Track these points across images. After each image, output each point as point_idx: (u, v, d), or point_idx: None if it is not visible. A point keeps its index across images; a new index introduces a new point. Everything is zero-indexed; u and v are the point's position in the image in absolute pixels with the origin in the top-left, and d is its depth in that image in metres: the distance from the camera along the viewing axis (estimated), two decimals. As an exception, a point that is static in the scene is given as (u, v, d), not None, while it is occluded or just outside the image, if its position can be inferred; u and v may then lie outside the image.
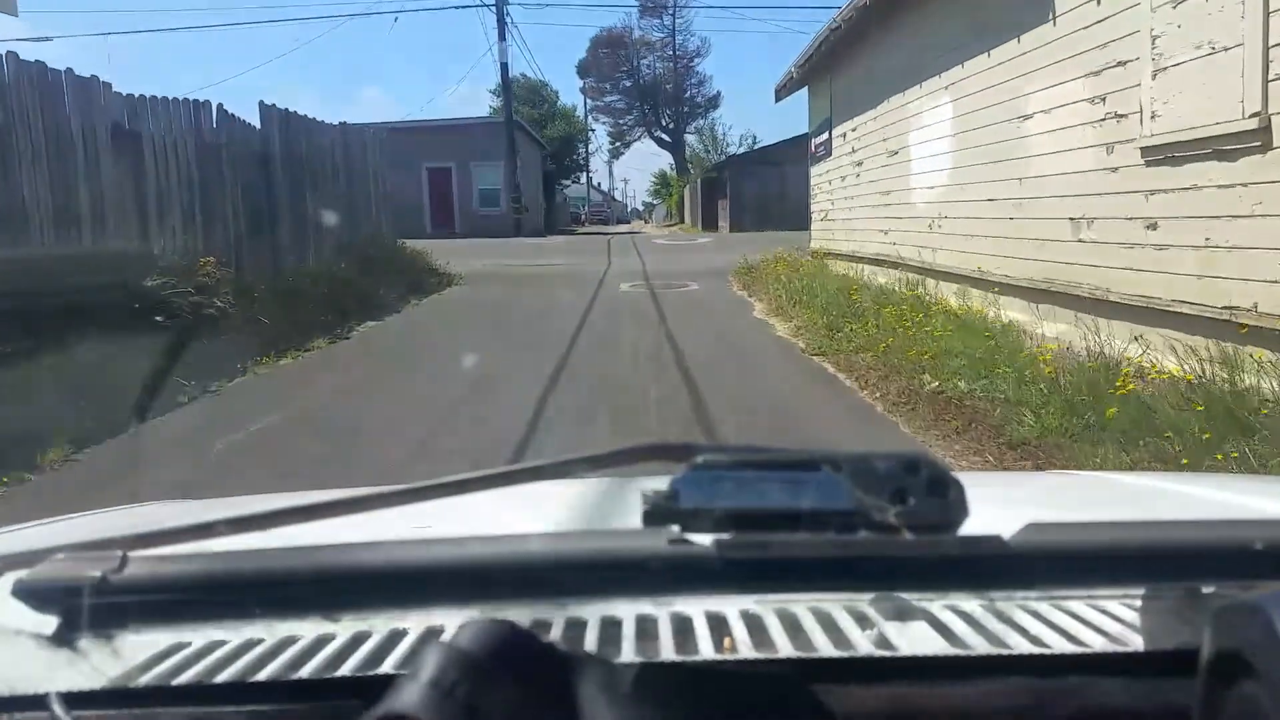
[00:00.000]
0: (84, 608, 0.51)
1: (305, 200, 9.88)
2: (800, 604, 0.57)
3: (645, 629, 0.55)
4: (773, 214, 25.96)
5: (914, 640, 0.52)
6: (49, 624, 0.53)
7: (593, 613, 0.56)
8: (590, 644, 0.53)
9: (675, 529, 0.50)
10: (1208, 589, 0.51)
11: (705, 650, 0.52)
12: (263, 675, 0.50)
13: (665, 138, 48.48)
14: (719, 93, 48.24)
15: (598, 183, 62.08)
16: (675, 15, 45.39)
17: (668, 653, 0.52)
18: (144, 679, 0.49)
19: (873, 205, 9.67)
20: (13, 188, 5.67)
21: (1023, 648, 0.51)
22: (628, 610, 0.56)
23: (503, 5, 27.30)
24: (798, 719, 0.45)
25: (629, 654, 0.52)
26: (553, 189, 37.94)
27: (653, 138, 49.42)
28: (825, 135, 11.95)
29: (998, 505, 0.87)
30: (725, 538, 0.49)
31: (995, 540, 0.51)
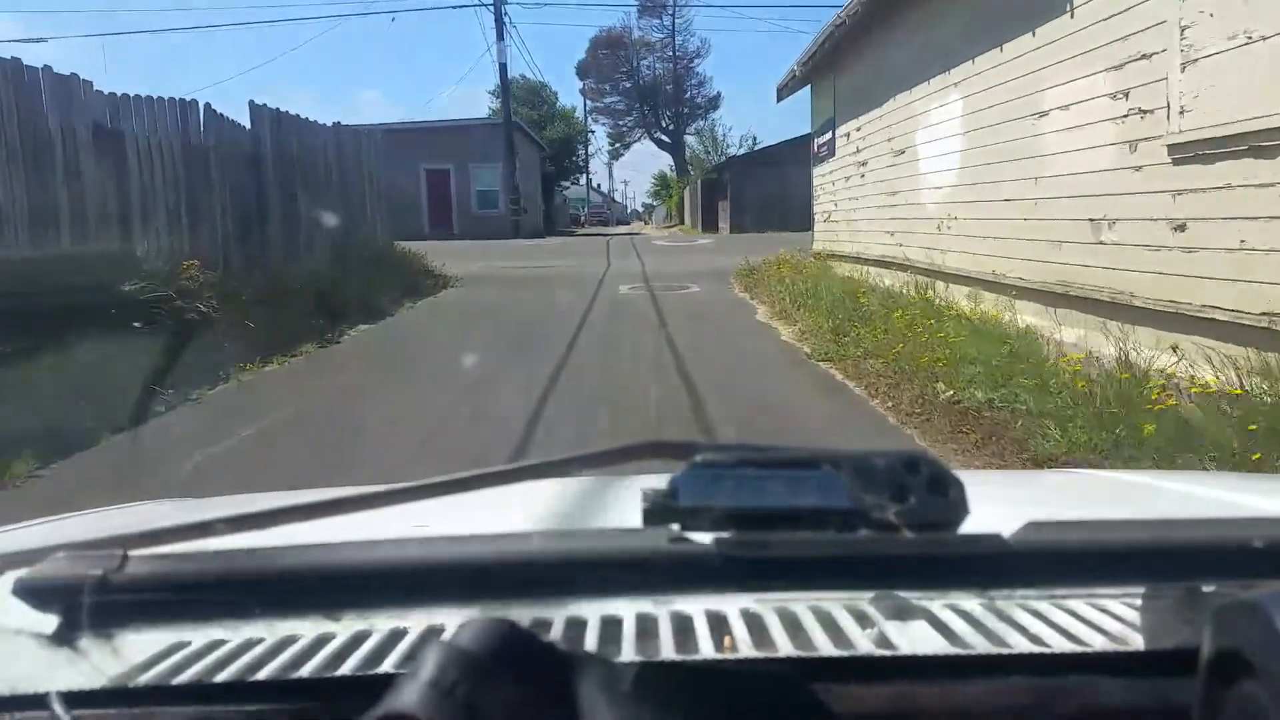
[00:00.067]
0: (84, 607, 0.50)
1: (297, 202, 9.64)
2: (800, 603, 0.57)
3: (645, 628, 0.54)
4: (774, 215, 25.78)
5: (914, 639, 0.52)
6: (49, 623, 0.52)
7: (593, 612, 0.56)
8: (590, 643, 0.53)
9: (675, 528, 0.49)
10: (1208, 588, 0.50)
11: (705, 649, 0.52)
12: (263, 674, 0.49)
13: (665, 139, 48.28)
14: (719, 94, 48.16)
15: (597, 184, 61.92)
16: (675, 16, 45.27)
17: (668, 652, 0.52)
18: (144, 678, 0.49)
19: (878, 206, 9.44)
20: (-14, 188, 5.45)
21: (1023, 647, 0.51)
22: (628, 609, 0.56)
23: (501, 5, 27.11)
24: (798, 718, 0.44)
25: (629, 653, 0.51)
26: (552, 190, 37.75)
27: (652, 139, 49.26)
28: (828, 135, 11.72)
29: (998, 504, 0.86)
30: (725, 536, 0.49)
31: (995, 539, 0.50)
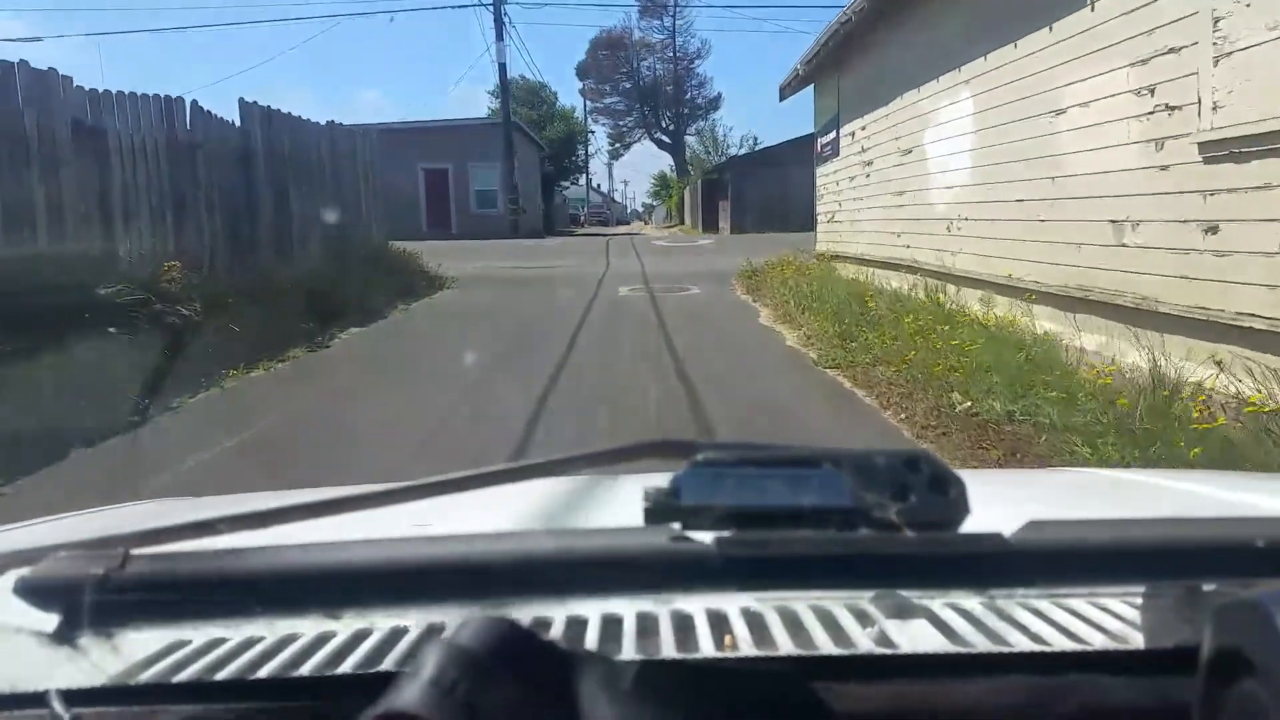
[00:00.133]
0: (85, 605, 0.50)
1: (289, 201, 9.41)
2: (801, 601, 0.56)
3: (646, 626, 0.54)
4: (775, 215, 25.55)
5: (914, 638, 0.52)
6: (50, 622, 0.52)
7: (593, 610, 0.56)
8: (591, 641, 0.53)
9: (676, 526, 0.49)
10: (1208, 587, 0.49)
11: (706, 648, 0.52)
12: (263, 673, 0.49)
13: (665, 139, 48.05)
14: (719, 94, 47.94)
15: (597, 184, 61.70)
16: (675, 16, 45.03)
17: (668, 650, 0.52)
18: (144, 676, 0.49)
19: (884, 206, 9.21)
20: (-42, 186, 5.21)
21: (1023, 645, 0.51)
22: (628, 608, 0.56)
23: (500, 5, 26.88)
24: (798, 717, 0.44)
25: (629, 651, 0.52)
26: (551, 190, 37.52)
27: (653, 139, 49.03)
28: (832, 134, 11.49)
29: (999, 503, 0.85)
30: (726, 535, 0.49)
31: (996, 538, 0.50)
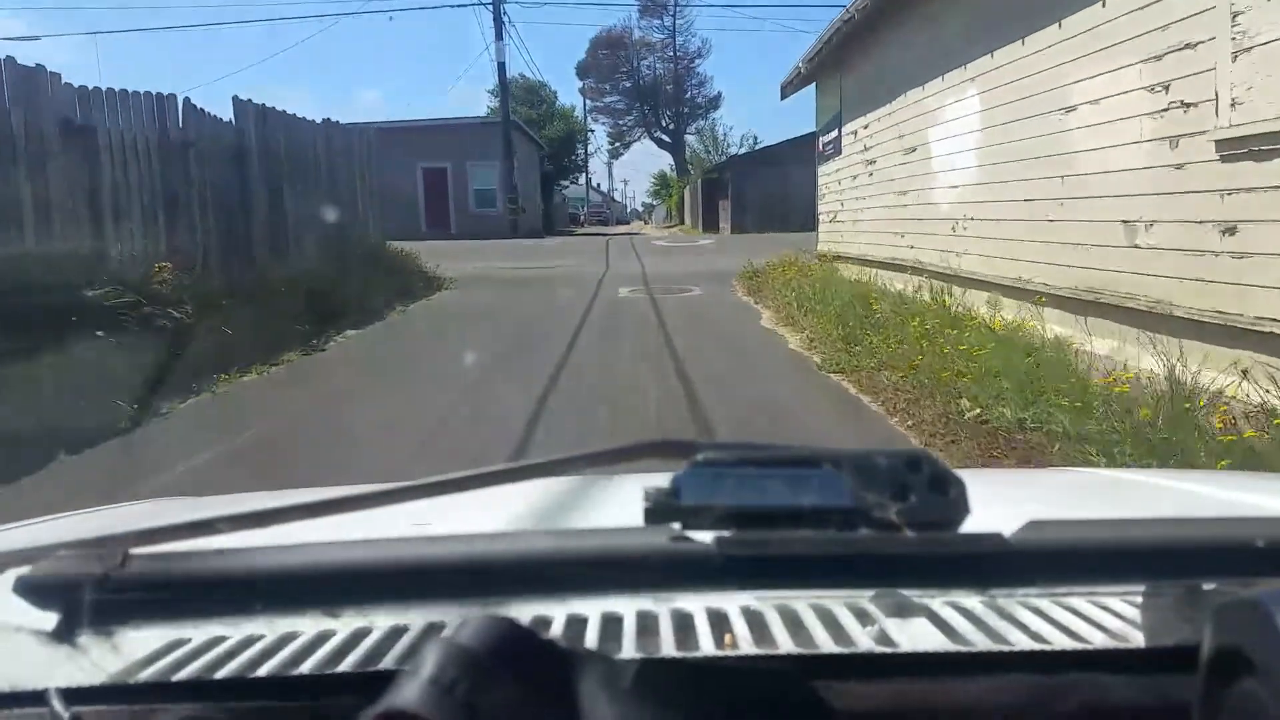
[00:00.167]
0: (85, 604, 0.50)
1: (284, 201, 9.28)
2: (801, 600, 0.56)
3: (646, 625, 0.54)
4: (775, 215, 25.42)
5: (915, 637, 0.52)
6: (50, 620, 0.51)
7: (593, 609, 0.56)
8: (591, 640, 0.53)
9: (676, 526, 0.49)
10: (1208, 586, 0.49)
11: (706, 647, 0.52)
12: (263, 671, 0.49)
13: (665, 138, 47.90)
14: (719, 93, 47.82)
15: (597, 183, 61.56)
16: (675, 16, 44.89)
17: (668, 649, 0.52)
18: (144, 675, 0.49)
19: (887, 206, 9.08)
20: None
21: (1023, 644, 0.51)
22: (628, 607, 0.56)
23: (499, 4, 26.76)
24: (798, 715, 0.44)
25: (629, 650, 0.51)
26: (551, 189, 37.38)
27: (652, 138, 48.89)
28: (834, 133, 11.37)
29: (999, 503, 0.84)
30: (726, 535, 0.49)
31: (996, 537, 0.50)
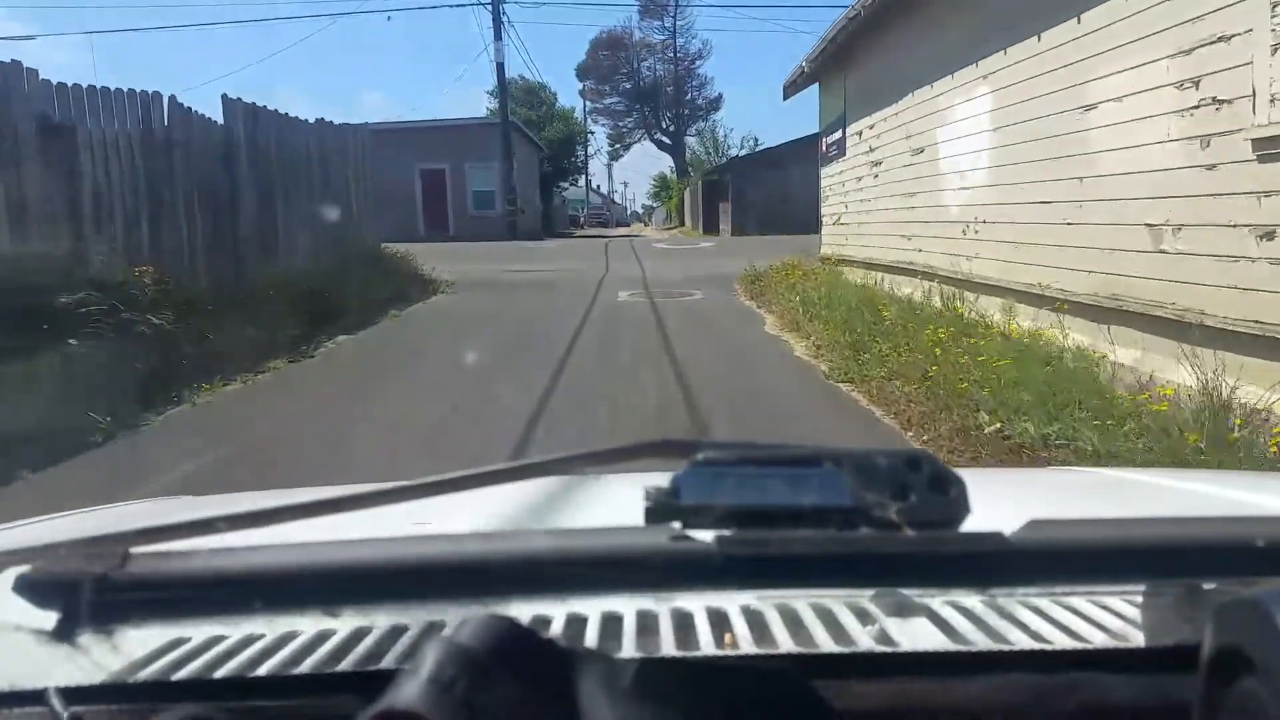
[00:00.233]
0: (84, 603, 0.50)
1: (275, 203, 9.06)
2: (801, 600, 0.56)
3: (646, 625, 0.54)
4: (776, 217, 25.19)
5: (915, 636, 0.52)
6: (49, 619, 0.51)
7: (593, 608, 0.56)
8: (591, 640, 0.53)
9: (677, 525, 0.49)
10: (1209, 585, 0.49)
11: (706, 646, 0.52)
12: (263, 670, 0.49)
13: (665, 140, 47.69)
14: (720, 95, 47.59)
15: (597, 185, 61.35)
16: (676, 17, 44.69)
17: (668, 648, 0.51)
18: (144, 674, 0.49)
19: (893, 209, 8.85)
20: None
21: (1024, 644, 0.51)
22: (628, 606, 0.56)
23: (498, 4, 26.54)
24: (798, 714, 0.44)
25: (629, 650, 0.51)
26: (550, 191, 37.16)
27: (653, 140, 48.67)
28: (838, 134, 11.14)
29: (999, 502, 0.82)
30: (726, 534, 0.49)
31: (997, 537, 0.50)
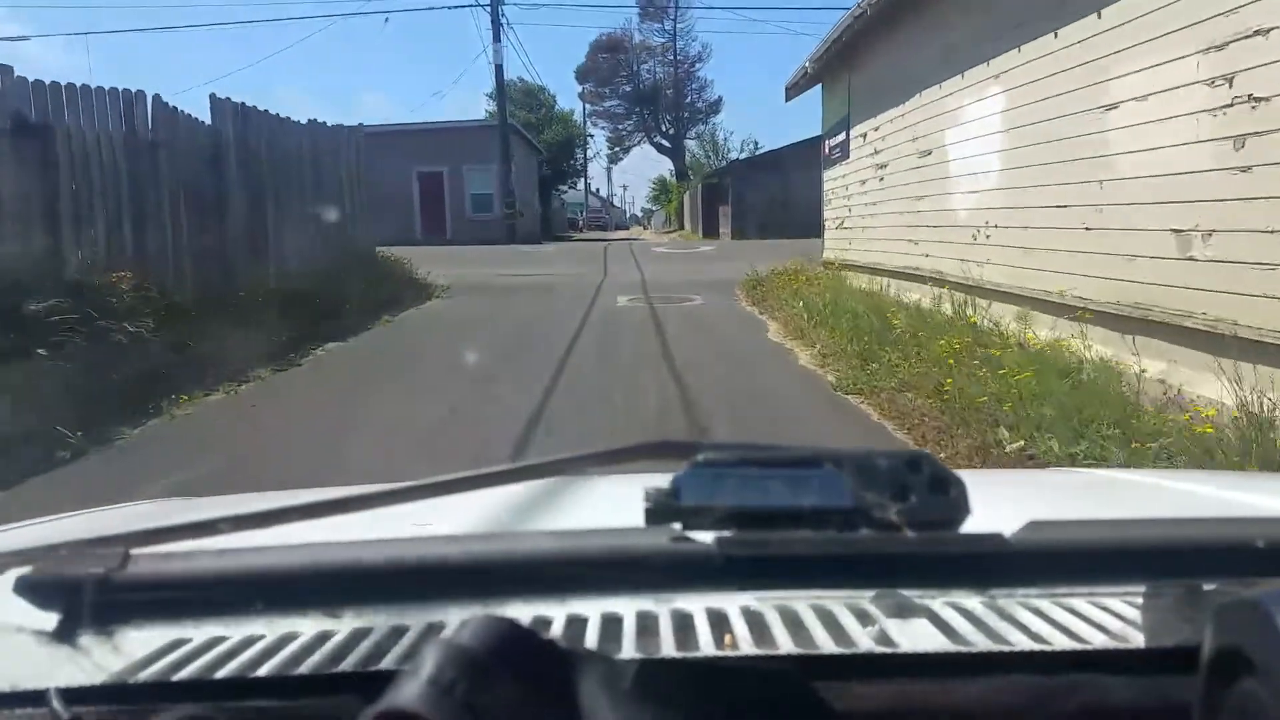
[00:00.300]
0: (85, 604, 0.50)
1: (265, 205, 8.84)
2: (801, 601, 0.56)
3: (646, 626, 0.54)
4: (777, 221, 24.99)
5: (915, 637, 0.52)
6: (50, 620, 0.51)
7: (593, 609, 0.56)
8: (591, 641, 0.53)
9: (677, 526, 0.49)
10: (1209, 586, 0.49)
11: (706, 647, 0.52)
12: (263, 671, 0.49)
13: (665, 143, 47.51)
14: (720, 98, 47.32)
15: (596, 188, 61.20)
16: (676, 20, 44.53)
17: (668, 649, 0.51)
18: (144, 675, 0.49)
19: (900, 212, 8.63)
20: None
21: (1024, 645, 0.51)
22: (628, 607, 0.56)
23: (497, 5, 26.35)
24: (798, 716, 0.44)
25: (629, 650, 0.51)
26: (549, 194, 36.96)
27: (652, 143, 48.48)
28: (842, 136, 10.93)
29: (999, 503, 0.82)
30: (726, 535, 0.49)
31: (997, 538, 0.50)
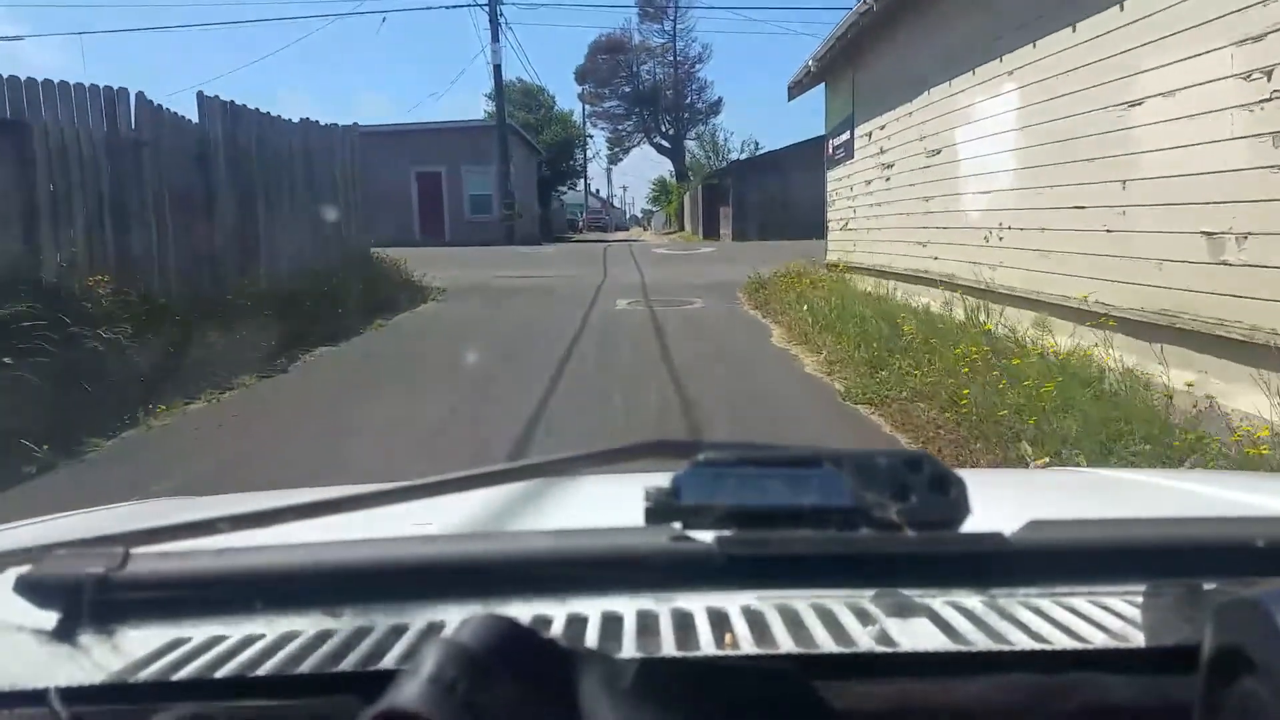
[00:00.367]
0: (85, 603, 0.50)
1: (256, 206, 8.60)
2: (801, 600, 0.56)
3: (646, 625, 0.54)
4: (778, 222, 24.77)
5: (915, 636, 0.52)
6: (50, 620, 0.51)
7: (594, 609, 0.56)
8: (591, 640, 0.53)
9: (677, 526, 0.49)
10: (1209, 586, 0.49)
11: (706, 646, 0.51)
12: (263, 670, 0.49)
13: (665, 144, 47.25)
14: (720, 99, 47.01)
15: (595, 189, 60.96)
16: (676, 20, 44.30)
17: (669, 648, 0.51)
18: (144, 674, 0.49)
19: (906, 214, 8.40)
20: None
21: (1024, 644, 0.51)
22: (629, 606, 0.56)
23: (496, 5, 26.12)
24: (799, 715, 0.44)
25: (630, 650, 0.51)
26: (548, 195, 36.72)
27: (652, 144, 48.23)
28: (846, 135, 10.70)
29: (999, 502, 0.83)
30: (727, 534, 0.49)
31: (997, 537, 0.50)
